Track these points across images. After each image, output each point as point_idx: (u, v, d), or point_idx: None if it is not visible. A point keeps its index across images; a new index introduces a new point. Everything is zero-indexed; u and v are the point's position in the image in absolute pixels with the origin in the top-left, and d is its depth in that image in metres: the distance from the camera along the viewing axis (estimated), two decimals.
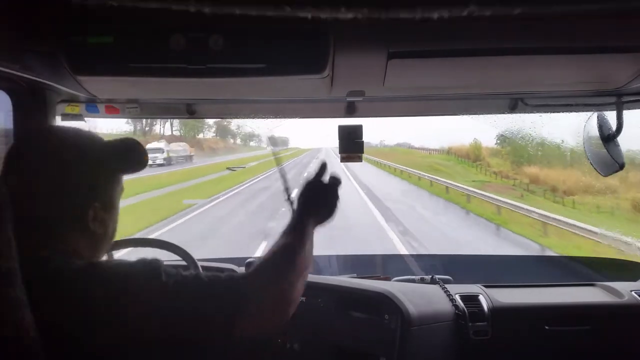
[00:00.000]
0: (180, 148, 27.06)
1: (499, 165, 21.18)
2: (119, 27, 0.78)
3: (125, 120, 1.32)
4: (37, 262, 0.61)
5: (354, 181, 16.56)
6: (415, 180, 17.75)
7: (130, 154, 0.74)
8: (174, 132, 39.11)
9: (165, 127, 38.79)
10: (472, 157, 24.77)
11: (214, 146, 46.18)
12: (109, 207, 0.73)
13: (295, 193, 0.90)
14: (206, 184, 16.57)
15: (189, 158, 27.70)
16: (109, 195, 0.73)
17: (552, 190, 13.79)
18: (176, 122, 33.70)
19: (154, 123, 35.64)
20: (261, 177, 19.51)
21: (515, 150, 18.40)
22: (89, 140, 0.73)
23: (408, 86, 1.10)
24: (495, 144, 22.32)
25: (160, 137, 33.51)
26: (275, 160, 1.04)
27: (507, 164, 20.56)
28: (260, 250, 7.17)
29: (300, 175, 18.85)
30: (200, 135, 45.50)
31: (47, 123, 1.08)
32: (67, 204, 0.67)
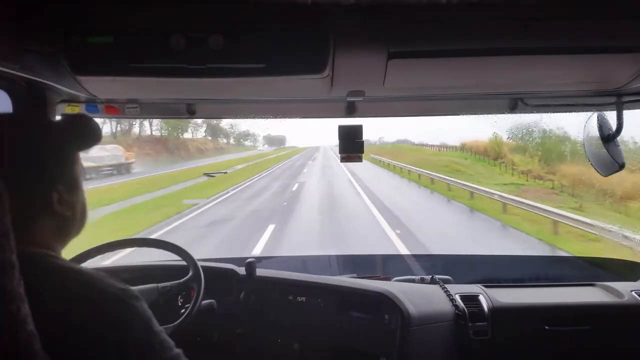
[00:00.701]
0: (107, 153, 18.79)
1: (525, 163, 17.63)
2: (119, 27, 0.78)
3: (102, 120, 1.32)
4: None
5: (370, 202, 10.70)
6: (467, 198, 11.40)
7: (84, 131, 0.73)
8: (154, 133, 35.29)
9: (144, 126, 33.91)
10: (491, 154, 21.50)
11: (202, 147, 42.76)
12: (73, 188, 0.72)
13: None
14: (132, 210, 10.78)
15: (123, 167, 20.42)
16: (69, 175, 0.72)
17: (604, 195, 10.24)
18: (156, 120, 27.61)
19: (133, 123, 30.31)
20: (243, 187, 14.86)
21: (545, 145, 14.91)
22: (42, 123, 0.73)
23: (408, 86, 1.10)
24: (508, 138, 18.78)
25: (136, 138, 30.05)
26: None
27: (534, 161, 16.98)
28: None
29: (285, 191, 13.40)
30: (188, 135, 42.12)
31: None
32: (28, 191, 0.66)
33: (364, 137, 1.22)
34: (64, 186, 0.69)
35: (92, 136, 0.74)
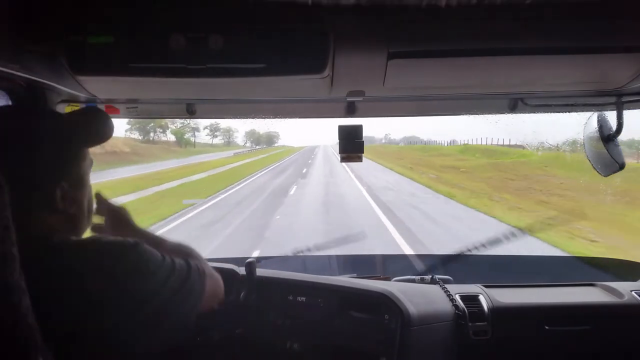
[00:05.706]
0: None
1: None
2: (119, 27, 0.78)
3: None
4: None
5: None
6: None
7: (93, 125, 0.72)
8: None
9: None
10: None
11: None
12: (79, 185, 0.71)
13: None
14: None
15: None
16: (75, 172, 0.70)
17: None
18: None
19: None
20: None
21: None
22: (47, 118, 0.70)
23: (408, 86, 1.10)
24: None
25: None
26: None
27: None
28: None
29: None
30: None
31: None
32: (30, 187, 0.64)
33: (369, 134, 1.22)
34: (69, 183, 0.68)
35: (103, 132, 0.72)
